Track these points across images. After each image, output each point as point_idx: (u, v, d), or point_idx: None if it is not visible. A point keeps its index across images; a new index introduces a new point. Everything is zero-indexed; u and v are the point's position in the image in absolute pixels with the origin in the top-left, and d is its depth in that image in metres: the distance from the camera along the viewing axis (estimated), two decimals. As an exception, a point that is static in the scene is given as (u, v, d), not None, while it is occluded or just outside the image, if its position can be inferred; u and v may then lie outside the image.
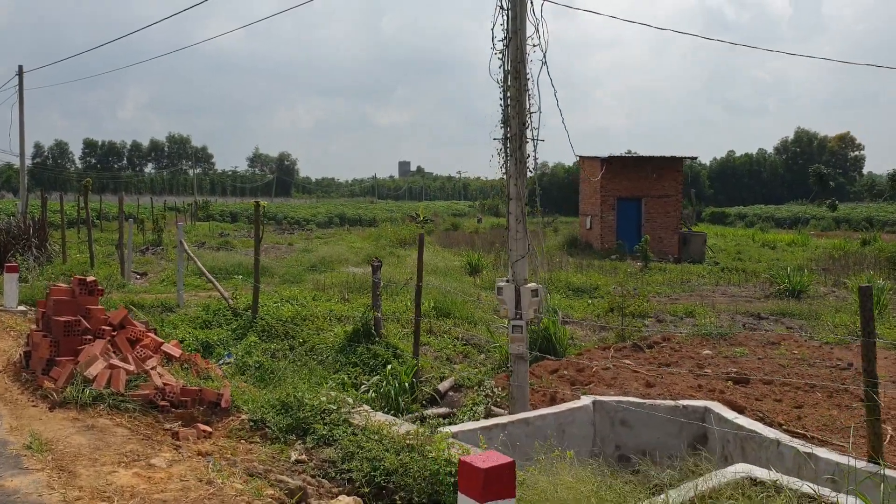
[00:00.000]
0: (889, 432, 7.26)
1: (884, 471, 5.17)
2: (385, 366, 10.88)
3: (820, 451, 6.32)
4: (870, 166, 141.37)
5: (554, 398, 9.40)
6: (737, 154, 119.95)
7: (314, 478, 5.39)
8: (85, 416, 5.80)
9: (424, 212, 64.20)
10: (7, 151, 62.27)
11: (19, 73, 28.94)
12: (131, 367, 6.37)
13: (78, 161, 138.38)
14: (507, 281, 9.09)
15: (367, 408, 6.55)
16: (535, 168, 9.27)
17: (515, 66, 8.83)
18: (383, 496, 5.02)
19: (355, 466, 5.31)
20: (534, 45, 8.94)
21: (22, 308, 12.11)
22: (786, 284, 18.71)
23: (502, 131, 9.18)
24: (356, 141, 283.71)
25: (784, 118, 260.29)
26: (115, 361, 6.36)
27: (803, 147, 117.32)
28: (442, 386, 10.44)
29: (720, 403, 8.13)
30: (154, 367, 6.54)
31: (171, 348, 7.33)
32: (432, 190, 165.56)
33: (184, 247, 14.49)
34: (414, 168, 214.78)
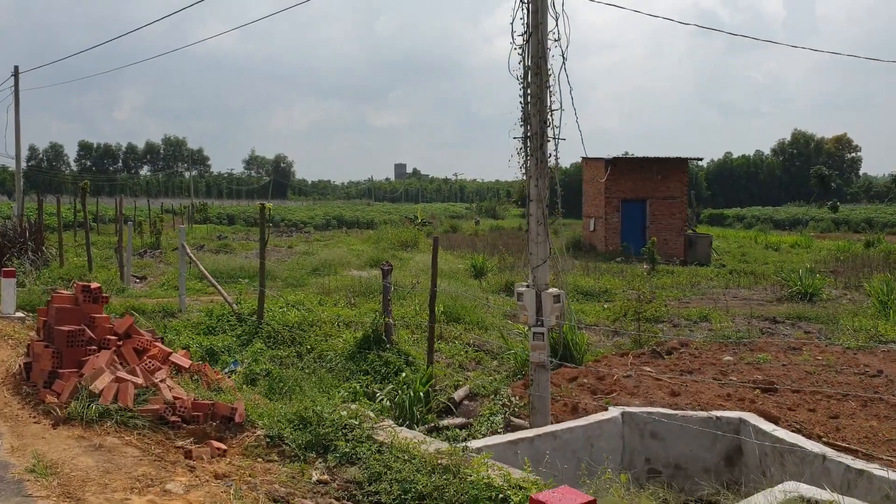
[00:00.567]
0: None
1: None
2: (397, 374, 10.52)
3: (872, 467, 5.96)
4: (865, 168, 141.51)
5: (575, 408, 9.04)
6: (734, 156, 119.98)
7: (339, 500, 5.01)
8: (91, 433, 5.40)
9: (422, 214, 63.96)
10: (2, 154, 61.71)
11: (15, 73, 28.50)
12: (139, 379, 5.98)
13: (73, 163, 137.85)
14: (528, 286, 8.71)
15: (391, 422, 6.17)
16: (556, 167, 8.88)
17: (536, 61, 8.47)
18: (416, 522, 4.64)
19: (384, 489, 4.93)
20: (555, 40, 8.59)
21: (20, 314, 11.69)
22: (798, 287, 18.38)
23: (522, 130, 8.82)
24: (352, 143, 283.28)
25: (780, 120, 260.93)
26: (123, 374, 5.97)
27: (800, 149, 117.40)
28: (457, 395, 10.06)
29: (754, 414, 7.77)
30: (163, 380, 6.15)
31: (179, 358, 6.94)
32: (429, 192, 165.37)
33: (185, 250, 14.09)
34: (410, 170, 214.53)
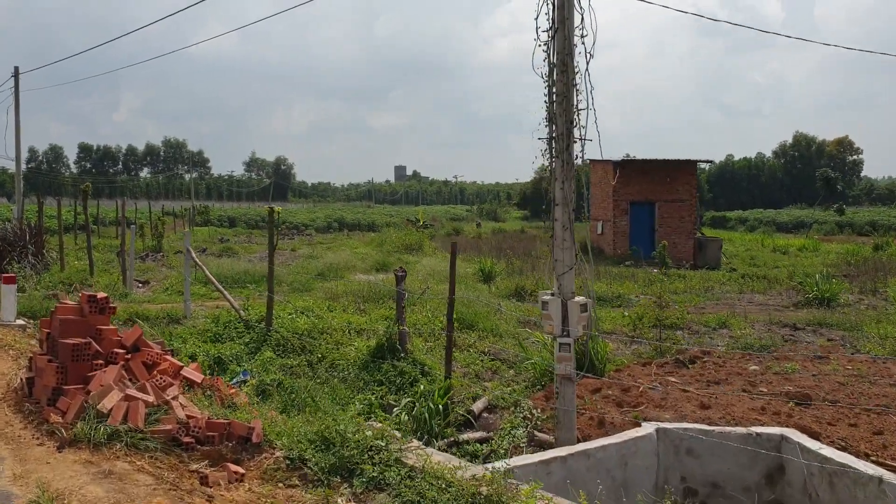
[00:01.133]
0: None
1: None
2: (413, 384, 10.12)
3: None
4: (866, 170, 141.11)
5: (602, 422, 8.64)
6: (735, 158, 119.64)
7: (369, 532, 4.61)
8: (100, 457, 4.99)
9: (423, 216, 63.55)
10: (2, 156, 61.36)
11: (15, 74, 28.07)
12: (150, 397, 5.57)
13: (73, 165, 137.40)
14: (553, 294, 8.31)
15: (419, 443, 5.76)
16: (581, 166, 8.50)
17: (563, 58, 8.07)
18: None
19: (419, 520, 4.54)
20: (581, 37, 8.20)
21: (20, 322, 11.26)
22: (815, 292, 17.98)
23: (546, 130, 8.43)
24: (352, 144, 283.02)
25: (781, 122, 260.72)
26: (132, 392, 5.56)
27: (802, 151, 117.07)
28: (475, 407, 9.64)
29: (796, 430, 7.38)
30: (175, 397, 5.74)
31: (191, 373, 6.53)
32: (429, 194, 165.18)
33: (191, 255, 13.68)
34: (410, 172, 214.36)
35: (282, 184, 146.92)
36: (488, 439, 8.83)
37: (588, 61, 8.14)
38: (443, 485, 4.77)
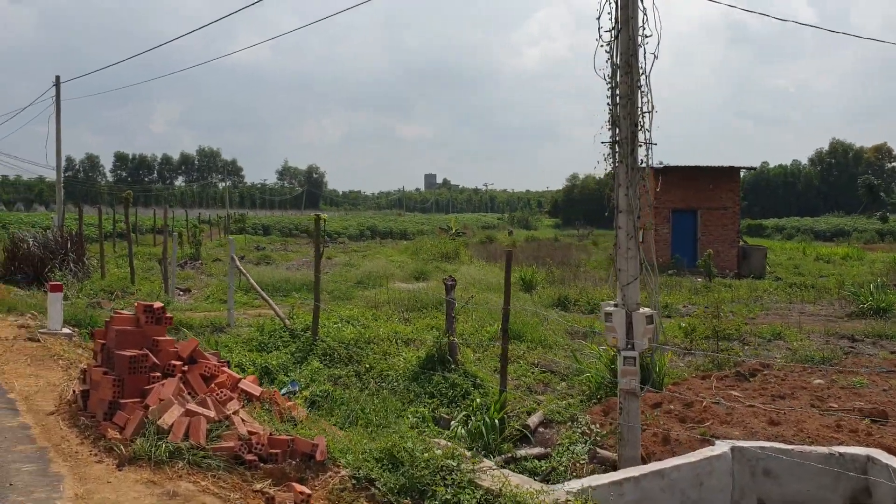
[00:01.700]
0: None
1: None
2: (464, 397, 9.84)
3: None
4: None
5: (667, 438, 8.27)
6: (770, 165, 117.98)
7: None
8: (162, 476, 4.76)
9: (455, 224, 63.33)
10: (40, 165, 62.31)
11: (56, 83, 28.33)
12: (211, 413, 5.34)
13: (109, 174, 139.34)
14: (616, 305, 7.97)
15: (490, 463, 5.46)
16: (647, 174, 8.18)
17: (626, 59, 7.77)
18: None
19: (502, 549, 4.23)
20: (645, 36, 7.90)
21: (67, 330, 11.15)
22: (870, 302, 17.39)
23: (609, 134, 8.11)
24: (382, 154, 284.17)
25: (812, 129, 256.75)
26: (193, 406, 5.33)
27: (838, 158, 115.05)
28: (531, 421, 9.31)
29: (882, 451, 6.95)
30: (236, 412, 5.50)
31: (249, 385, 6.29)
32: (459, 202, 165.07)
33: (235, 262, 13.53)
34: (440, 180, 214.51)
35: (314, 192, 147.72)
36: (547, 455, 8.51)
37: (652, 63, 7.87)
38: (526, 511, 4.46)
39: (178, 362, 6.08)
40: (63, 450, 5.26)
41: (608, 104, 8.01)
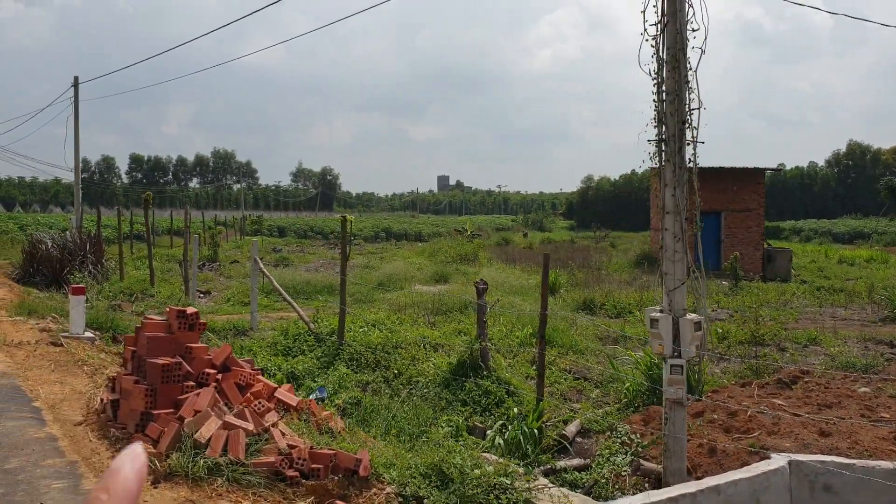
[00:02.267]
0: None
1: None
2: (498, 405, 9.52)
3: None
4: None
5: (713, 450, 7.93)
6: (787, 167, 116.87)
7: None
8: (201, 494, 4.47)
9: (470, 226, 62.97)
10: (58, 166, 62.37)
11: (75, 84, 28.18)
12: (250, 425, 5.04)
13: (124, 176, 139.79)
14: (662, 311, 7.63)
15: (545, 481, 5.14)
16: (694, 171, 7.86)
17: (674, 53, 7.43)
18: None
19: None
20: (693, 30, 7.58)
21: (89, 334, 10.91)
22: (907, 307, 16.96)
23: (655, 132, 7.79)
24: (394, 156, 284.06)
25: (829, 131, 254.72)
26: (231, 419, 5.03)
27: (856, 160, 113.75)
28: (568, 430, 8.99)
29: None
30: (275, 424, 5.21)
31: (285, 394, 6.00)
32: (472, 204, 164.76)
33: (258, 265, 13.26)
34: (453, 182, 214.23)
35: (328, 194, 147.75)
36: (587, 466, 8.18)
37: (699, 58, 7.56)
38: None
39: (211, 370, 5.79)
40: (94, 464, 4.98)
41: (653, 100, 7.71)
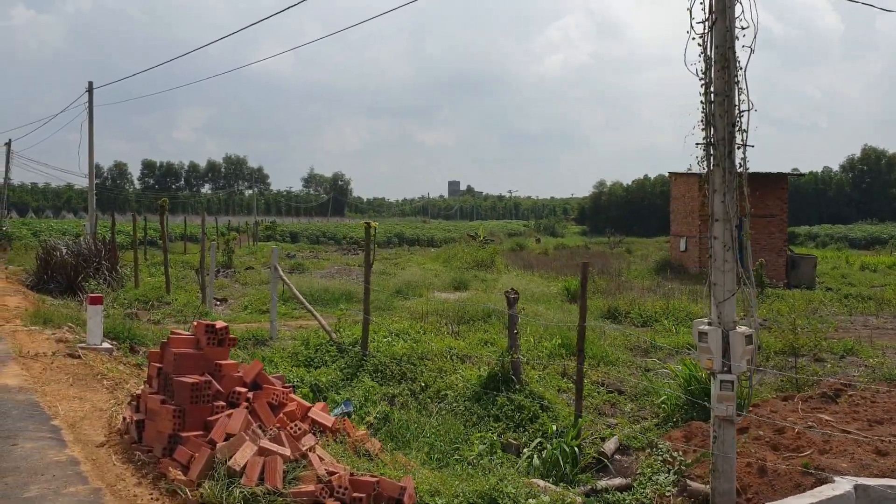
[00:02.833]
0: None
1: None
2: (532, 420, 9.11)
3: None
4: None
5: (763, 469, 7.53)
6: (801, 172, 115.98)
7: None
8: (237, 529, 4.10)
9: (482, 231, 62.55)
10: (70, 172, 62.44)
11: (89, 89, 28.00)
12: (287, 450, 4.68)
13: (136, 182, 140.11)
14: (710, 323, 7.26)
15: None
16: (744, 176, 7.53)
17: (723, 52, 7.07)
18: None
19: None
20: (742, 28, 7.20)
21: (107, 345, 10.57)
22: (941, 316, 16.46)
23: (703, 134, 7.44)
24: (404, 161, 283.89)
25: (840, 135, 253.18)
26: (266, 444, 4.67)
27: (871, 165, 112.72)
28: (607, 448, 8.57)
29: None
30: (312, 448, 4.83)
31: (320, 414, 5.63)
32: (483, 209, 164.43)
33: (279, 272, 12.92)
34: (464, 187, 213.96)
35: (339, 199, 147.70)
36: (629, 486, 7.78)
37: (748, 57, 7.19)
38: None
39: (242, 389, 5.43)
40: (119, 492, 4.62)
41: (701, 102, 7.38)
